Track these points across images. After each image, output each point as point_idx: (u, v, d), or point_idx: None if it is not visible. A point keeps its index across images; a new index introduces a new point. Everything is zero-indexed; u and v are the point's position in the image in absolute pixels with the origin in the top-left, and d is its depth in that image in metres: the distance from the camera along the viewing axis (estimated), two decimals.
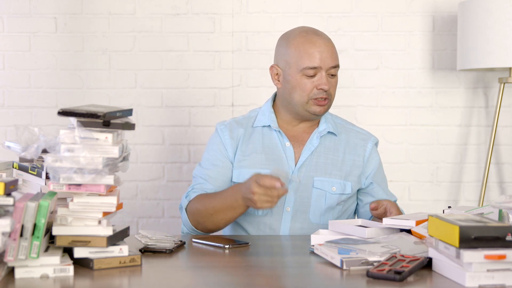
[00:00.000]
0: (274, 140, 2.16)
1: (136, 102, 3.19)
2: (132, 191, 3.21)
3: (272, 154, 2.14)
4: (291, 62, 2.10)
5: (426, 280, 1.42)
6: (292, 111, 2.15)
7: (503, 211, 1.64)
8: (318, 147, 2.15)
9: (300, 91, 2.09)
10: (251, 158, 2.14)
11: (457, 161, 3.22)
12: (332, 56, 2.09)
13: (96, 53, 3.19)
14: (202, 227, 2.08)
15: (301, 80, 2.08)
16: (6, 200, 1.39)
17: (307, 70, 2.07)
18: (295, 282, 1.45)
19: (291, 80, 2.10)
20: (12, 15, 3.17)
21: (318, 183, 2.12)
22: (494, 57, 2.79)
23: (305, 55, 2.07)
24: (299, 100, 2.10)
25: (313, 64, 2.07)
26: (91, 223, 1.51)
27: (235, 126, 2.20)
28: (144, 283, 1.46)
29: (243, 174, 2.12)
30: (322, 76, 2.07)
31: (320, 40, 2.10)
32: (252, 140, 2.17)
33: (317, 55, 2.07)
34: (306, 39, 2.09)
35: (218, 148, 2.18)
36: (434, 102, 3.21)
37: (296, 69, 2.09)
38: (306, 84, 2.08)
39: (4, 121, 3.19)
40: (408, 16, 3.19)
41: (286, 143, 2.15)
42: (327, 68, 2.08)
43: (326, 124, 2.18)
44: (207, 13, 3.18)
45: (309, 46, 2.08)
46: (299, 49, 2.09)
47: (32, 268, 1.43)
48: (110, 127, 1.50)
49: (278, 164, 2.13)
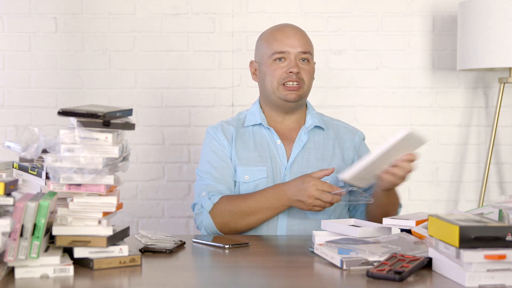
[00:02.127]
0: (265, 137, 2.20)
1: (136, 102, 3.19)
2: (132, 191, 3.21)
3: (265, 151, 2.18)
4: (263, 52, 2.19)
5: (426, 280, 1.42)
6: (270, 103, 2.20)
7: (503, 211, 1.64)
8: (307, 143, 2.19)
9: (271, 77, 2.15)
10: (244, 156, 2.17)
11: (457, 161, 3.22)
12: (301, 42, 2.16)
13: (96, 53, 3.19)
14: (230, 228, 2.07)
15: (271, 66, 2.15)
16: (6, 200, 1.39)
17: (276, 55, 2.15)
18: (295, 282, 1.45)
19: (264, 69, 2.18)
20: (12, 15, 3.17)
21: None
22: (494, 57, 2.79)
23: (274, 41, 2.16)
24: (270, 86, 2.16)
25: (280, 48, 2.14)
26: (91, 223, 1.51)
27: (226, 126, 2.24)
28: (144, 283, 1.46)
29: (239, 173, 2.15)
30: (291, 60, 2.14)
31: (288, 28, 2.19)
32: (244, 139, 2.20)
33: (285, 40, 2.15)
34: (276, 29, 2.20)
35: (217, 147, 2.19)
36: (434, 102, 3.21)
37: (267, 58, 2.17)
38: (276, 69, 2.15)
39: (4, 121, 3.19)
40: (408, 16, 3.19)
41: (277, 141, 2.19)
42: (296, 53, 2.14)
43: (312, 119, 2.22)
44: (207, 13, 3.18)
45: (277, 33, 2.18)
46: (269, 38, 2.19)
47: (32, 268, 1.43)
48: (110, 127, 1.50)
49: (272, 161, 2.16)
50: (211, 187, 2.12)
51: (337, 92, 3.19)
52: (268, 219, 2.08)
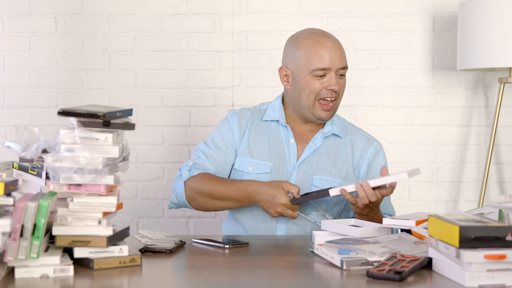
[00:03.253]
0: (280, 135, 2.19)
1: (136, 102, 3.19)
2: (132, 191, 3.21)
3: (276, 148, 2.17)
4: (300, 64, 2.12)
5: (426, 280, 1.42)
6: (299, 113, 2.18)
7: (503, 211, 1.64)
8: (321, 146, 2.17)
9: (309, 91, 2.11)
10: (255, 149, 2.18)
11: (457, 161, 3.22)
12: (341, 57, 2.12)
13: (96, 53, 3.19)
14: (197, 204, 2.14)
15: (310, 81, 2.11)
16: (6, 200, 1.39)
17: (317, 71, 2.09)
18: (295, 282, 1.45)
19: (301, 81, 2.13)
20: (12, 15, 3.17)
21: (317, 181, 2.13)
22: (494, 57, 2.79)
23: (315, 56, 2.09)
24: (306, 101, 2.13)
25: (323, 65, 2.09)
26: (91, 223, 1.51)
27: (244, 115, 2.24)
28: (144, 283, 1.46)
29: (244, 163, 2.16)
30: (331, 76, 2.10)
31: (329, 42, 2.11)
32: (259, 131, 2.21)
33: (326, 56, 2.09)
34: (315, 41, 2.11)
35: (226, 132, 2.22)
36: (434, 102, 3.21)
37: (306, 71, 2.11)
38: (315, 85, 2.10)
39: (4, 121, 3.19)
40: (408, 16, 3.19)
41: (291, 139, 2.18)
42: (337, 69, 2.10)
43: (332, 126, 2.20)
44: (207, 13, 3.18)
45: (318, 47, 2.10)
46: (309, 51, 2.11)
47: (32, 268, 1.43)
48: (110, 127, 1.50)
49: (280, 158, 2.15)
50: (200, 161, 2.17)
51: None
52: (232, 208, 2.13)
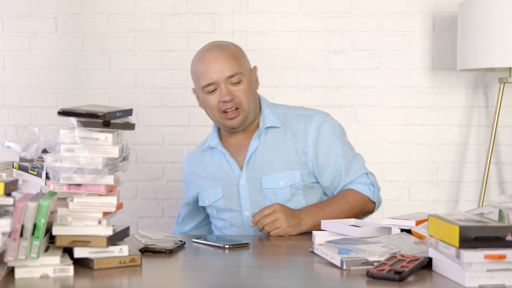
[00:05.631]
0: (220, 157, 2.20)
1: (136, 102, 3.19)
2: (132, 191, 3.21)
3: (219, 171, 2.18)
4: (196, 84, 2.15)
5: (426, 280, 1.42)
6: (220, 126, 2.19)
7: (503, 211, 1.64)
8: (259, 146, 2.15)
9: (210, 108, 2.12)
10: (205, 181, 2.21)
11: (457, 161, 3.22)
12: (224, 67, 2.07)
13: (96, 53, 3.19)
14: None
15: (207, 98, 2.11)
16: (6, 200, 1.39)
17: (206, 88, 2.09)
18: (295, 282, 1.45)
19: (202, 100, 2.15)
20: (12, 15, 3.17)
21: (266, 182, 2.12)
22: (494, 57, 2.79)
23: (200, 74, 2.10)
24: (214, 117, 2.14)
25: (208, 80, 2.08)
26: (91, 223, 1.51)
27: (192, 157, 2.30)
28: (144, 283, 1.46)
29: (202, 198, 2.22)
30: (221, 88, 2.08)
31: (210, 55, 2.09)
32: (204, 163, 2.23)
33: (208, 71, 2.07)
34: (198, 59, 2.12)
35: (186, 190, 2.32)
36: (434, 102, 3.21)
37: (200, 90, 2.12)
38: (211, 100, 2.10)
39: (4, 121, 3.19)
40: (408, 16, 3.19)
41: (227, 156, 2.17)
42: (223, 79, 2.07)
43: (263, 121, 2.16)
44: (207, 13, 3.18)
45: (200, 64, 2.10)
46: (196, 70, 2.12)
47: (32, 268, 1.43)
48: (110, 127, 1.50)
49: (226, 178, 2.16)
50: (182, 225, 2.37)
51: (337, 92, 3.19)
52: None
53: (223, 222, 2.17)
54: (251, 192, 2.13)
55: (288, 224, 1.97)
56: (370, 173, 2.16)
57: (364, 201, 2.11)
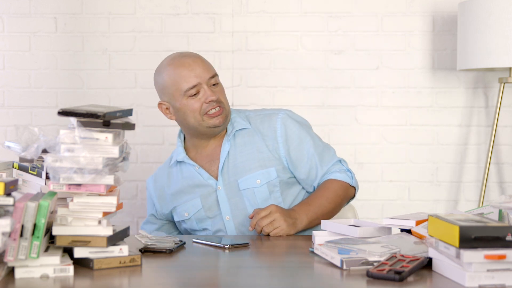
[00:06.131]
0: (189, 170, 2.19)
1: (136, 102, 3.19)
2: (132, 191, 3.21)
3: (192, 182, 2.18)
4: (172, 92, 2.12)
5: (426, 280, 1.42)
6: (197, 135, 2.17)
7: (503, 211, 1.64)
8: (231, 150, 2.16)
9: (191, 112, 2.10)
10: (179, 195, 2.19)
11: (457, 161, 3.22)
12: (205, 68, 2.11)
13: (96, 53, 3.19)
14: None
15: (188, 103, 2.10)
16: (6, 200, 1.39)
17: (189, 91, 2.09)
18: (295, 282, 1.45)
19: (180, 107, 2.12)
20: (12, 15, 3.17)
21: (243, 183, 2.13)
22: (494, 57, 2.79)
23: (180, 79, 2.09)
24: (194, 121, 2.12)
25: (191, 83, 2.08)
26: (91, 223, 1.51)
27: (158, 176, 2.28)
28: (144, 283, 1.46)
29: (179, 212, 2.20)
30: (205, 90, 2.09)
31: (187, 59, 2.11)
32: (173, 179, 2.22)
33: (190, 74, 2.09)
34: (175, 65, 2.11)
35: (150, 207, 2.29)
36: (434, 102, 3.21)
37: (180, 96, 2.10)
38: (194, 104, 2.10)
39: (4, 121, 3.19)
40: (408, 16, 3.19)
41: (195, 167, 2.18)
42: (206, 80, 2.10)
43: (232, 125, 2.18)
44: (207, 13, 3.18)
45: (180, 69, 2.10)
46: (173, 77, 2.11)
47: (32, 268, 1.43)
48: (110, 127, 1.50)
49: (201, 188, 2.16)
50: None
51: (337, 92, 3.19)
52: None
53: (206, 231, 2.17)
54: (229, 196, 2.13)
55: (287, 224, 1.98)
56: (342, 160, 2.21)
57: (345, 187, 2.15)
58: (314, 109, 3.19)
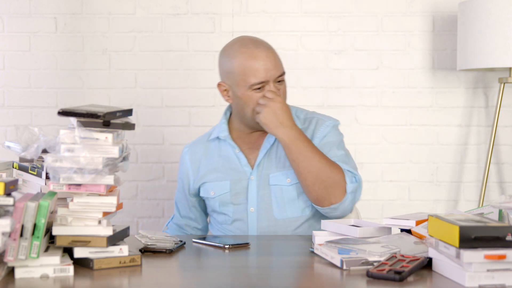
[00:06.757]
0: (228, 150, 2.18)
1: (136, 102, 3.19)
2: (132, 191, 3.21)
3: (228, 164, 2.16)
4: (237, 79, 2.08)
5: (426, 280, 1.42)
6: (246, 124, 2.15)
7: (503, 211, 1.64)
8: (273, 144, 2.15)
9: (251, 105, 2.08)
10: (211, 172, 2.18)
11: (457, 161, 3.22)
12: (276, 66, 2.07)
13: (96, 53, 3.19)
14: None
15: (251, 95, 2.07)
16: (6, 200, 1.39)
17: (254, 86, 2.06)
18: (295, 282, 1.45)
19: (241, 96, 2.09)
20: (12, 15, 3.17)
21: (273, 179, 2.11)
22: (494, 57, 2.79)
23: (250, 72, 2.05)
24: (251, 114, 2.09)
25: (259, 79, 2.05)
26: (91, 223, 1.51)
27: (195, 146, 2.25)
28: (144, 283, 1.46)
29: (206, 189, 2.18)
30: (270, 87, 2.06)
31: (262, 53, 2.07)
32: (210, 154, 2.20)
33: (261, 69, 2.05)
34: (247, 55, 2.06)
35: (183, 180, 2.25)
36: (434, 102, 3.21)
37: (244, 87, 2.07)
38: (255, 97, 2.07)
39: (4, 121, 3.19)
40: (408, 16, 3.19)
41: (236, 150, 2.16)
42: (274, 78, 2.07)
43: None
44: (207, 13, 3.18)
45: (251, 61, 2.05)
46: (243, 67, 2.06)
47: (32, 268, 1.43)
48: (110, 127, 1.50)
49: (234, 173, 2.15)
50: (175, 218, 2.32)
51: (337, 92, 3.19)
52: None
53: (225, 217, 2.15)
54: (259, 188, 2.12)
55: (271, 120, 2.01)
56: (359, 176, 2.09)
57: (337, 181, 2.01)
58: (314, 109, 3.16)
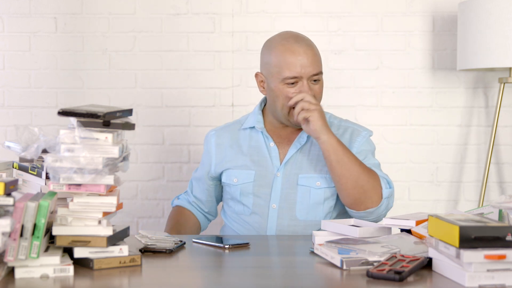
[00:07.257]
0: (260, 141, 2.17)
1: (136, 102, 3.19)
2: (132, 191, 3.21)
3: (257, 155, 2.15)
4: (273, 71, 2.07)
5: (426, 280, 1.42)
6: (277, 118, 2.14)
7: (503, 211, 1.64)
8: (305, 145, 2.14)
9: (282, 99, 2.07)
10: (237, 159, 2.16)
11: (457, 161, 3.22)
12: (313, 64, 2.05)
13: (96, 53, 3.19)
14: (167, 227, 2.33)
15: (283, 89, 2.06)
16: (6, 200, 1.39)
17: (287, 80, 2.05)
18: (295, 282, 1.45)
19: (273, 89, 2.08)
20: (12, 15, 3.17)
21: (303, 180, 2.10)
22: (494, 57, 2.79)
23: (285, 65, 2.04)
24: (281, 109, 2.08)
25: (293, 74, 2.03)
26: (91, 223, 1.52)
27: (223, 131, 2.24)
28: (144, 283, 1.46)
29: (229, 176, 2.16)
30: (303, 84, 2.04)
31: (300, 48, 2.05)
32: (239, 142, 2.19)
33: (296, 64, 2.03)
34: (286, 48, 2.05)
35: (205, 162, 2.25)
36: (434, 102, 3.21)
37: (277, 79, 2.06)
38: (288, 92, 2.06)
39: (4, 121, 3.19)
40: (408, 16, 3.19)
41: (270, 143, 2.15)
42: (308, 76, 2.05)
43: None
44: (207, 13, 3.18)
45: (288, 55, 2.04)
46: (279, 59, 2.05)
47: (32, 268, 1.43)
48: (110, 127, 1.50)
49: (262, 165, 2.13)
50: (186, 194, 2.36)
51: (337, 92, 3.19)
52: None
53: (244, 207, 2.14)
54: (284, 186, 2.10)
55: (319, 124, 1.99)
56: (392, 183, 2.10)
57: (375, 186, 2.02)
58: None
